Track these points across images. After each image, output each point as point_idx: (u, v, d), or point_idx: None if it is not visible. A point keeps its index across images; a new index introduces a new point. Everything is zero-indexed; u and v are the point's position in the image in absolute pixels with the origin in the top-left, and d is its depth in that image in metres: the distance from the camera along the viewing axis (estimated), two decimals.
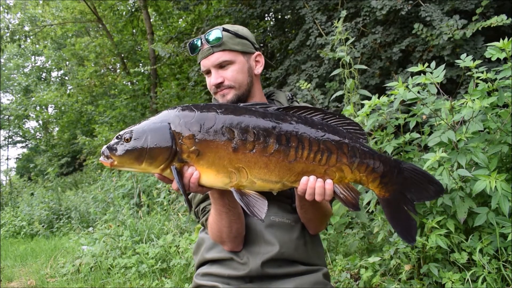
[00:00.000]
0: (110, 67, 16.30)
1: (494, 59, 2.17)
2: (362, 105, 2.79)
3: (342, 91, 3.05)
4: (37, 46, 17.65)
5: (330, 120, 1.29)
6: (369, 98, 2.66)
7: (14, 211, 9.26)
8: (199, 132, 1.20)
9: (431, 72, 2.30)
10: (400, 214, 1.32)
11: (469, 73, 2.29)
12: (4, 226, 8.47)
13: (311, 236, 1.64)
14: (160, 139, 1.20)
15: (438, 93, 2.36)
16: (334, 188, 1.25)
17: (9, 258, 5.78)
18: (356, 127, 1.29)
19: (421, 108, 2.39)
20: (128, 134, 1.23)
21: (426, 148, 2.58)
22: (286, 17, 7.37)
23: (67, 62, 18.75)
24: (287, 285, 1.52)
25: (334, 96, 3.08)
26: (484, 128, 2.21)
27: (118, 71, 15.64)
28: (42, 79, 24.00)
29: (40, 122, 22.58)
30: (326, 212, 1.58)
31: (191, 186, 1.23)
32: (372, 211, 2.81)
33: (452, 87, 4.41)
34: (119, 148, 1.22)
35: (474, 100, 2.14)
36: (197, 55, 1.62)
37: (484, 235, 2.23)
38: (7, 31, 11.96)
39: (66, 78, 20.72)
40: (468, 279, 2.15)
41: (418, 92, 2.33)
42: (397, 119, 2.62)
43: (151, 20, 12.19)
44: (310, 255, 1.61)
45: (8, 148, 25.61)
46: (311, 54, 5.54)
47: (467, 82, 3.96)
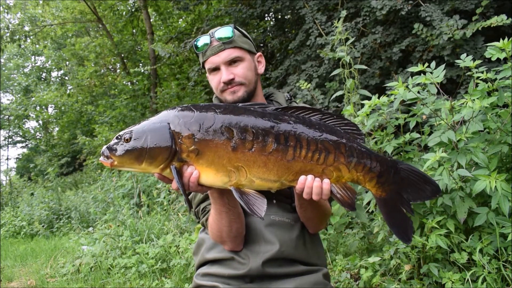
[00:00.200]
0: (110, 67, 16.30)
1: (494, 59, 2.17)
2: (362, 105, 2.79)
3: (342, 91, 3.05)
4: (37, 46, 17.64)
5: (328, 120, 1.30)
6: (369, 98, 2.66)
7: (14, 211, 9.26)
8: (198, 131, 1.21)
9: (431, 72, 2.29)
10: (397, 213, 1.34)
11: (469, 73, 2.29)
12: (4, 226, 8.47)
13: (311, 236, 1.65)
14: (160, 139, 1.21)
15: (438, 93, 2.36)
16: (331, 188, 1.26)
17: (9, 258, 5.78)
18: (354, 127, 1.30)
19: (421, 108, 2.39)
20: (128, 134, 1.23)
21: (426, 148, 2.58)
22: (286, 17, 7.37)
23: (67, 62, 18.74)
24: (287, 285, 1.52)
25: (334, 96, 3.08)
26: (484, 128, 2.21)
27: (118, 71, 15.64)
28: (42, 79, 24.00)
29: (40, 122, 22.58)
30: (326, 211, 1.59)
31: (191, 185, 1.23)
32: (372, 211, 2.81)
33: (452, 87, 4.41)
34: (119, 148, 1.23)
35: (474, 100, 2.13)
36: (204, 52, 1.60)
37: (484, 235, 2.23)
38: (7, 31, 11.95)
39: (66, 78, 20.72)
40: (468, 279, 2.15)
41: (418, 92, 2.33)
42: (397, 119, 2.62)
43: (151, 20, 12.19)
44: (310, 254, 1.61)
45: (8, 148, 25.64)
46: (311, 54, 5.54)
47: (467, 82, 3.96)
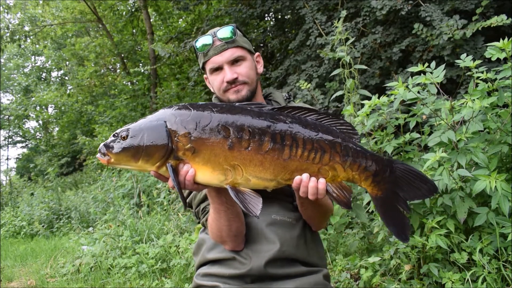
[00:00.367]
0: (110, 67, 16.30)
1: (494, 59, 2.17)
2: (362, 105, 2.79)
3: (342, 91, 3.04)
4: (37, 46, 17.65)
5: (324, 120, 1.31)
6: (369, 98, 2.66)
7: (14, 211, 9.26)
8: (194, 130, 1.22)
9: (431, 72, 2.29)
10: (393, 212, 1.34)
11: (469, 73, 2.29)
12: (4, 226, 8.46)
13: (312, 235, 1.66)
14: (157, 137, 1.21)
15: (438, 93, 2.36)
16: (327, 187, 1.27)
17: (9, 258, 5.78)
18: (349, 127, 1.31)
19: (421, 108, 2.39)
20: (125, 132, 1.24)
21: (426, 148, 2.58)
22: (286, 17, 7.37)
23: (67, 62, 18.74)
24: (288, 285, 1.52)
25: (334, 96, 3.08)
26: (484, 128, 2.20)
27: (118, 71, 15.64)
28: (42, 79, 23.99)
29: (40, 122, 22.58)
30: (327, 209, 1.60)
31: (187, 183, 1.24)
32: (372, 211, 2.81)
33: (452, 87, 4.41)
34: (116, 145, 1.24)
35: (474, 100, 2.13)
36: (206, 52, 1.60)
37: (484, 235, 2.23)
38: (7, 31, 11.95)
39: (66, 78, 20.72)
40: (468, 279, 2.15)
41: (418, 92, 2.33)
42: (397, 119, 2.62)
43: (151, 20, 12.19)
44: (310, 254, 1.62)
45: (8, 148, 25.65)
46: (311, 54, 5.54)
47: (467, 82, 3.96)
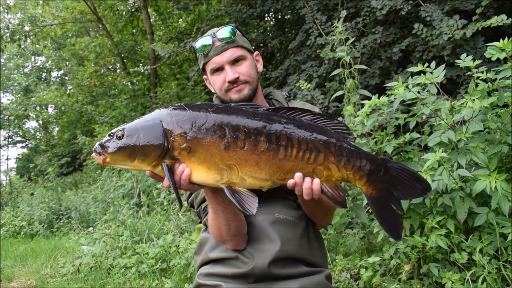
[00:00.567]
0: (110, 67, 16.31)
1: (494, 59, 2.17)
2: (362, 105, 2.79)
3: (342, 91, 3.04)
4: (37, 46, 17.65)
5: (318, 121, 1.32)
6: (369, 98, 2.66)
7: (14, 211, 9.25)
8: (190, 129, 1.22)
9: (431, 72, 2.29)
10: (387, 211, 1.36)
11: (469, 73, 2.29)
12: (4, 226, 8.46)
13: (315, 234, 1.66)
14: (152, 137, 1.22)
15: (438, 93, 2.36)
16: (322, 187, 1.28)
17: (9, 258, 5.78)
18: (343, 127, 1.33)
19: (421, 108, 2.39)
20: (121, 131, 1.24)
21: (426, 148, 2.58)
22: (286, 17, 7.37)
23: (67, 62, 18.75)
24: (290, 285, 1.52)
25: (334, 96, 3.08)
26: (484, 128, 2.20)
27: (118, 71, 15.64)
28: (42, 79, 24.00)
29: (40, 122, 22.58)
30: (329, 204, 1.59)
31: (182, 183, 1.24)
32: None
33: (452, 87, 4.41)
34: (112, 145, 1.24)
35: (474, 100, 2.13)
36: (206, 53, 1.60)
37: (484, 235, 2.23)
38: (7, 31, 11.96)
39: (66, 78, 20.72)
40: (468, 279, 2.15)
41: (418, 92, 2.33)
42: (397, 119, 2.62)
43: (151, 20, 12.19)
44: (313, 253, 1.62)
45: (8, 148, 25.65)
46: (311, 54, 5.54)
47: (467, 82, 3.96)
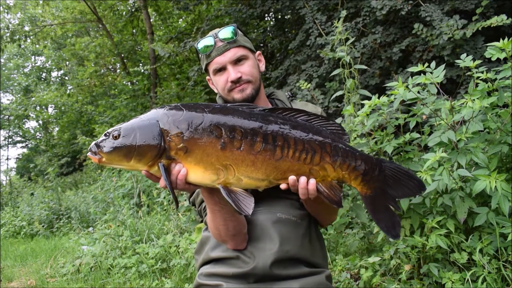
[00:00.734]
0: (110, 67, 16.30)
1: (494, 59, 2.17)
2: (362, 105, 2.79)
3: (342, 91, 3.04)
4: (37, 46, 17.63)
5: (314, 121, 1.33)
6: (369, 98, 2.66)
7: (14, 211, 9.25)
8: (187, 129, 1.22)
9: (431, 72, 2.29)
10: (383, 210, 1.36)
11: (469, 73, 2.28)
12: (4, 226, 8.46)
13: (317, 234, 1.67)
14: (149, 137, 1.22)
15: (438, 93, 2.36)
16: (317, 187, 1.29)
17: (9, 258, 5.77)
18: (338, 128, 1.34)
19: (421, 108, 2.39)
20: (117, 131, 1.24)
21: (426, 148, 2.58)
22: (286, 17, 7.38)
23: (67, 62, 18.75)
24: (291, 285, 1.52)
25: (334, 96, 3.08)
26: (484, 128, 2.20)
27: (118, 71, 15.64)
28: (42, 79, 24.01)
29: (40, 122, 22.59)
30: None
31: (178, 183, 1.24)
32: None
33: (452, 87, 4.41)
34: (108, 145, 1.24)
35: (474, 100, 2.13)
36: (208, 54, 1.60)
37: (484, 235, 2.23)
38: (7, 31, 11.96)
39: (66, 78, 20.73)
40: (468, 279, 2.15)
41: (418, 92, 2.33)
42: (397, 119, 2.62)
43: (151, 20, 12.19)
44: (314, 253, 1.62)
45: (8, 148, 25.66)
46: (311, 54, 5.54)
47: (467, 82, 3.96)
